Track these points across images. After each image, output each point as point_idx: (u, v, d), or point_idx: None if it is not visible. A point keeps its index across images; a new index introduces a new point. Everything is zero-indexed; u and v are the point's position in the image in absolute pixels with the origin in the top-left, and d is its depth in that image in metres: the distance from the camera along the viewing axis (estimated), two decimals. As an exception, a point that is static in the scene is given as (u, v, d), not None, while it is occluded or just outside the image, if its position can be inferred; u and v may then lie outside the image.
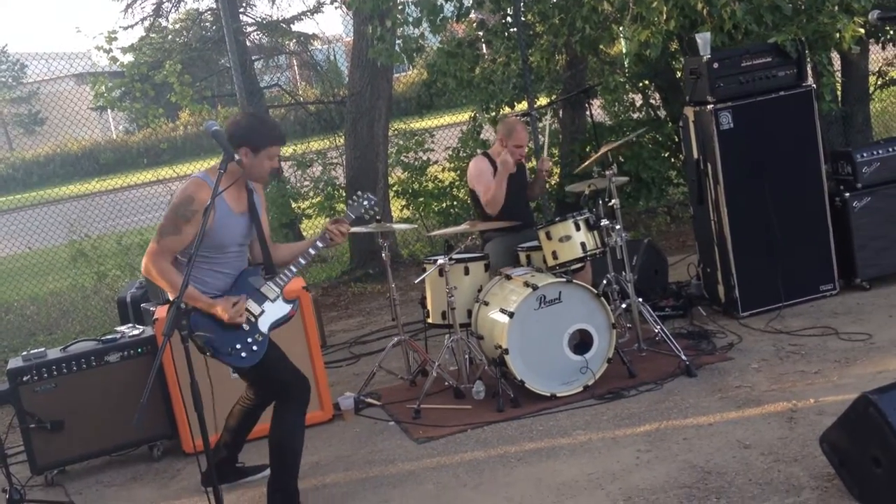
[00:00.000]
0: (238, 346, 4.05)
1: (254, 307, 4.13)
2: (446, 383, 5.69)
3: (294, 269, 4.26)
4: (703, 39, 6.15)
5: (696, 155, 6.30)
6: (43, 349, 5.44)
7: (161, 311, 5.42)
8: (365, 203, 4.47)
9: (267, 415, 4.67)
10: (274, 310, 4.19)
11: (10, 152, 27.61)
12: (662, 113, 9.84)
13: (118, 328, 5.72)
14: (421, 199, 10.16)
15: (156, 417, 5.31)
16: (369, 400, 5.77)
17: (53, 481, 5.29)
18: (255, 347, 4.09)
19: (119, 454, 5.46)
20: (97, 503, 4.97)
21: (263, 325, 4.14)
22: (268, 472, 4.75)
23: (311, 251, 4.30)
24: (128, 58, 11.06)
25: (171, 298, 4.02)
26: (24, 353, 5.40)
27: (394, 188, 10.22)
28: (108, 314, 9.05)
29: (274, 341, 4.24)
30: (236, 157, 3.82)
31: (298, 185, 10.48)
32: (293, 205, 10.13)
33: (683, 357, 5.40)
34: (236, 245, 4.18)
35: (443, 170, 10.62)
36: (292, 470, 4.23)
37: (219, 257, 4.12)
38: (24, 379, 5.20)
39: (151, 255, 4.01)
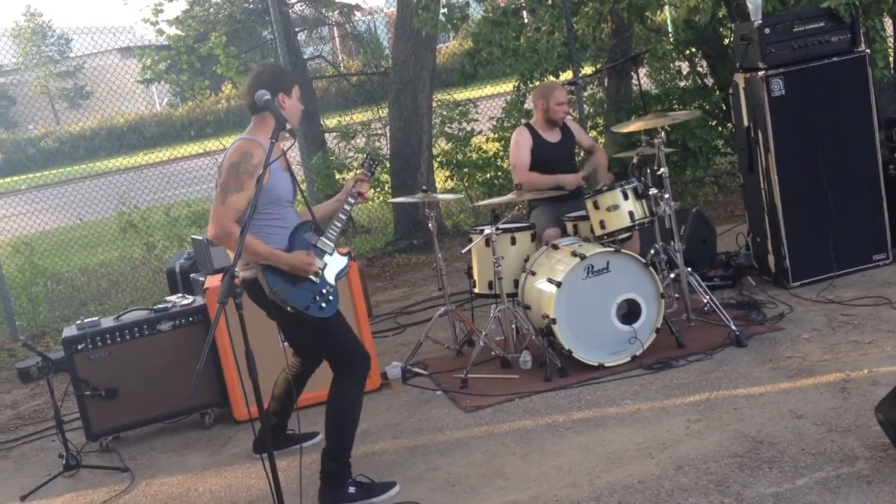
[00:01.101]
0: (317, 299, 4.12)
1: (317, 261, 4.19)
2: (493, 353, 5.70)
3: (338, 224, 4.34)
4: (755, 4, 6.04)
5: (746, 122, 6.20)
6: (97, 318, 5.52)
7: (211, 281, 5.49)
8: (368, 163, 4.63)
9: (314, 383, 4.72)
10: (334, 262, 4.28)
11: (57, 126, 27.99)
12: (710, 81, 9.70)
13: (168, 298, 5.80)
14: (465, 169, 10.14)
15: (207, 385, 5.38)
16: (416, 369, 5.80)
17: (108, 447, 5.39)
18: (330, 297, 4.18)
19: (171, 421, 5.55)
20: (151, 469, 5.06)
21: (329, 276, 4.23)
22: (318, 439, 4.82)
23: (346, 207, 4.39)
24: (173, 30, 11.12)
25: (261, 263, 4.07)
26: (79, 321, 5.49)
27: (438, 159, 10.20)
28: (157, 284, 9.18)
29: (340, 312, 4.29)
30: (288, 125, 3.83)
31: (342, 156, 10.51)
32: (337, 176, 10.17)
33: (733, 327, 5.34)
34: (289, 200, 4.24)
35: (487, 140, 10.58)
36: (348, 441, 4.25)
37: (279, 212, 4.16)
38: (79, 347, 5.29)
39: (220, 217, 3.97)
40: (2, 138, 27.93)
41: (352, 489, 4.18)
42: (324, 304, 4.15)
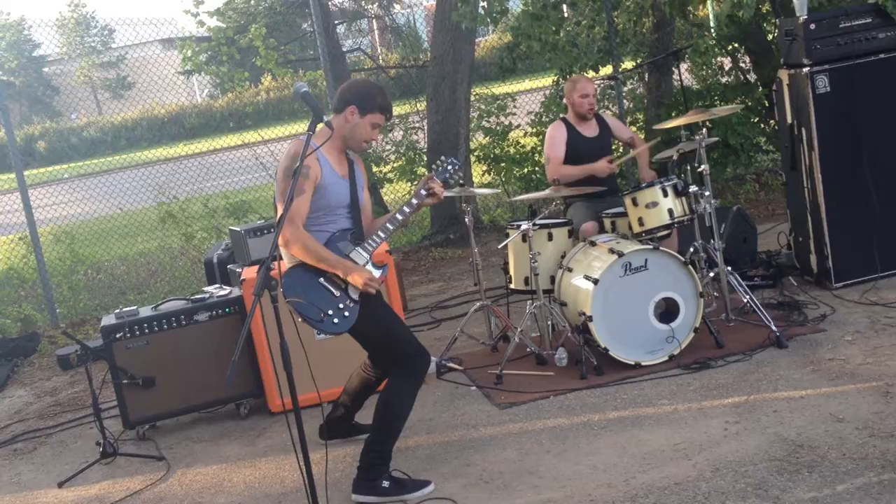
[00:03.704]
0: (330, 312, 4.07)
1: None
2: (528, 349, 5.67)
3: (382, 235, 4.23)
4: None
5: (789, 119, 6.10)
6: (135, 307, 5.56)
7: (248, 272, 5.51)
8: (449, 168, 4.38)
9: (340, 379, 4.70)
10: None
11: (100, 116, 28.35)
12: (753, 77, 9.57)
13: (206, 288, 5.83)
14: (502, 163, 10.09)
15: (243, 376, 5.40)
16: (451, 364, 5.78)
17: (145, 436, 5.44)
18: (346, 313, 4.10)
19: (207, 411, 5.58)
20: (187, 458, 5.09)
21: (353, 291, 4.14)
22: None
23: (406, 209, 4.24)
24: (213, 22, 11.18)
25: (322, 268, 4.06)
26: (118, 310, 5.54)
27: (475, 153, 10.17)
28: (195, 275, 9.25)
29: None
30: (325, 117, 3.81)
31: (379, 149, 10.51)
32: (374, 169, 10.17)
33: (774, 328, 5.26)
34: (342, 207, 4.20)
35: (525, 135, 10.53)
36: (393, 435, 4.26)
37: (328, 218, 4.15)
38: (118, 336, 5.33)
39: (290, 226, 3.97)
40: (45, 127, 28.33)
41: (385, 483, 4.17)
42: (336, 320, 4.08)
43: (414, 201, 4.26)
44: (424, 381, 5.46)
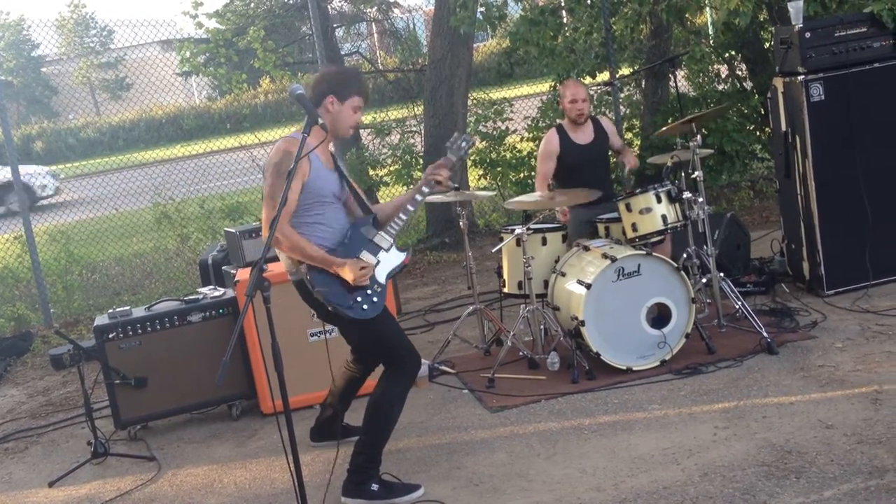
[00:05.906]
0: (359, 299, 4.07)
1: (370, 258, 4.14)
2: (521, 353, 5.68)
3: (404, 217, 4.24)
4: (796, 8, 5.96)
5: (784, 127, 6.12)
6: (128, 307, 5.57)
7: (242, 274, 5.52)
8: (463, 144, 4.45)
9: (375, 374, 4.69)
10: (389, 259, 4.20)
11: (98, 117, 28.31)
12: (749, 84, 9.60)
13: (200, 289, 5.83)
14: (499, 168, 10.11)
15: (235, 378, 5.40)
16: (443, 368, 5.79)
17: (136, 436, 5.44)
18: (375, 299, 4.11)
19: (199, 412, 5.59)
20: (177, 459, 5.10)
21: (380, 275, 4.15)
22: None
23: (418, 197, 4.28)
24: (212, 24, 11.20)
25: (308, 264, 4.06)
26: (111, 310, 5.54)
27: (472, 157, 10.18)
28: (189, 276, 9.26)
29: (388, 310, 4.25)
30: (320, 119, 3.83)
31: (376, 152, 10.53)
32: (371, 172, 10.18)
33: (765, 334, 5.28)
34: (333, 196, 4.19)
35: (521, 139, 10.55)
36: (383, 437, 4.25)
37: (323, 210, 4.14)
38: (111, 336, 5.34)
39: (271, 223, 3.91)
40: (43, 127, 28.33)
41: (375, 486, 4.17)
42: (366, 306, 4.08)
43: (425, 188, 4.30)
44: (416, 383, 5.51)
